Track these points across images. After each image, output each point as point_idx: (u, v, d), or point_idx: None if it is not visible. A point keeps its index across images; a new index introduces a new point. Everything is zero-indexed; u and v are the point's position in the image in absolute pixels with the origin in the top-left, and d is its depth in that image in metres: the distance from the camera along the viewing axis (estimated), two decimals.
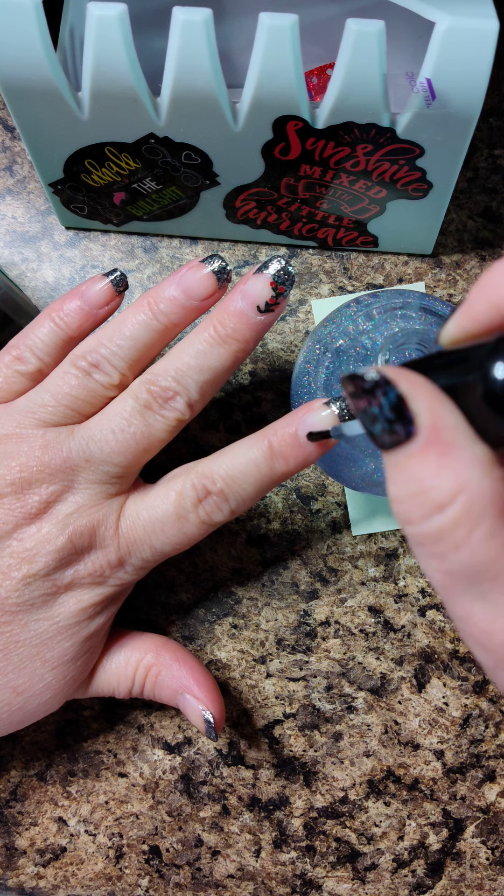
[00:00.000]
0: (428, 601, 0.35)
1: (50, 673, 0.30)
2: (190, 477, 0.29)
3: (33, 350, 0.30)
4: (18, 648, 0.29)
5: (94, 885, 0.35)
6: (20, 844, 0.35)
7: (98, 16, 0.27)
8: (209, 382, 0.29)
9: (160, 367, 0.29)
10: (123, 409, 0.29)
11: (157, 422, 0.29)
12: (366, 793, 0.35)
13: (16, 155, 0.38)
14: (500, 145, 0.37)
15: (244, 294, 0.28)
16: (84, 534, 0.29)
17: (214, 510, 0.29)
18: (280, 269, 0.28)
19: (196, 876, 0.35)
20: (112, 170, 0.33)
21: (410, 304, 0.30)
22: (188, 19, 0.26)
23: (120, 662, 0.32)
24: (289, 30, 0.26)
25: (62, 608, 0.29)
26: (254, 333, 0.28)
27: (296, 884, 0.35)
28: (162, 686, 0.31)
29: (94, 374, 0.29)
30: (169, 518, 0.29)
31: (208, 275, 0.29)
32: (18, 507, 0.28)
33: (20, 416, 0.29)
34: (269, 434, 0.28)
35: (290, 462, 0.28)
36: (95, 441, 0.29)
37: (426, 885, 0.35)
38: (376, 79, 0.27)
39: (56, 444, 0.29)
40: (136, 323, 0.29)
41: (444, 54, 0.27)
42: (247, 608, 0.36)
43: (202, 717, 0.30)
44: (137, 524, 0.29)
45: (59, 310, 0.30)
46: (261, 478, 0.28)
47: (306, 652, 0.35)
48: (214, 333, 0.28)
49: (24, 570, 0.28)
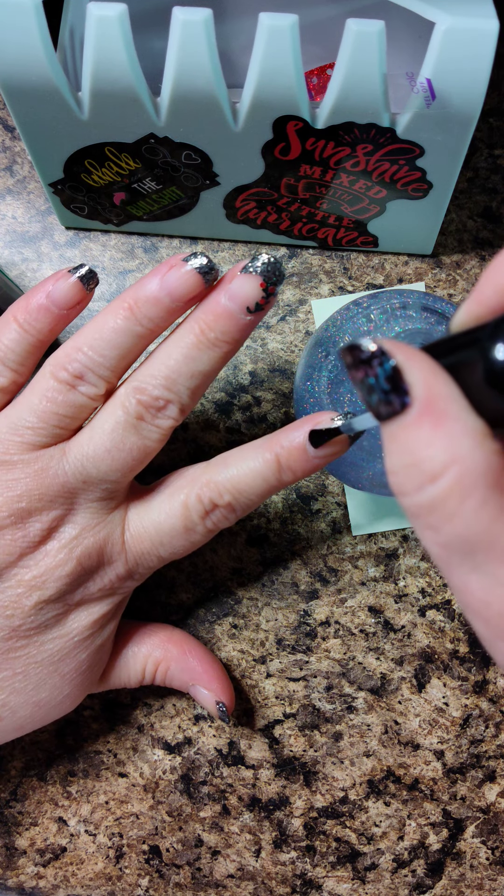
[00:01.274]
0: (428, 601, 0.35)
1: (69, 685, 0.30)
2: (195, 489, 0.28)
3: (4, 361, 0.28)
4: (37, 668, 0.29)
5: (94, 885, 0.35)
6: (20, 844, 0.35)
7: (98, 16, 0.27)
8: (200, 386, 0.28)
9: (147, 374, 0.27)
10: (115, 424, 0.27)
11: (150, 432, 0.28)
12: (366, 793, 0.35)
13: (16, 155, 0.38)
14: (500, 145, 0.37)
15: (232, 295, 0.26)
16: (92, 554, 0.28)
17: (221, 520, 0.29)
18: (268, 265, 0.26)
19: (196, 876, 0.35)
20: (112, 170, 0.33)
21: (411, 303, 0.30)
22: (188, 19, 0.26)
23: (128, 659, 0.32)
24: (289, 30, 0.26)
25: (75, 624, 0.29)
26: (243, 334, 0.27)
27: (296, 884, 0.35)
28: (172, 679, 0.32)
29: (79, 388, 0.27)
30: (177, 531, 0.29)
31: (192, 273, 0.27)
32: (21, 536, 0.28)
33: (6, 439, 0.28)
34: (276, 446, 0.28)
35: (298, 473, 0.28)
36: (90, 459, 0.27)
37: (426, 885, 0.35)
38: (376, 79, 0.27)
39: (51, 469, 0.28)
40: (117, 328, 0.27)
41: (444, 54, 0.27)
42: (247, 608, 0.36)
43: (215, 705, 0.32)
44: (144, 536, 0.29)
45: (25, 311, 0.28)
46: (267, 488, 0.28)
47: (306, 652, 0.35)
48: (203, 337, 0.27)
49: (35, 596, 0.28)
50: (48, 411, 0.28)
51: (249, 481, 0.28)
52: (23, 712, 0.29)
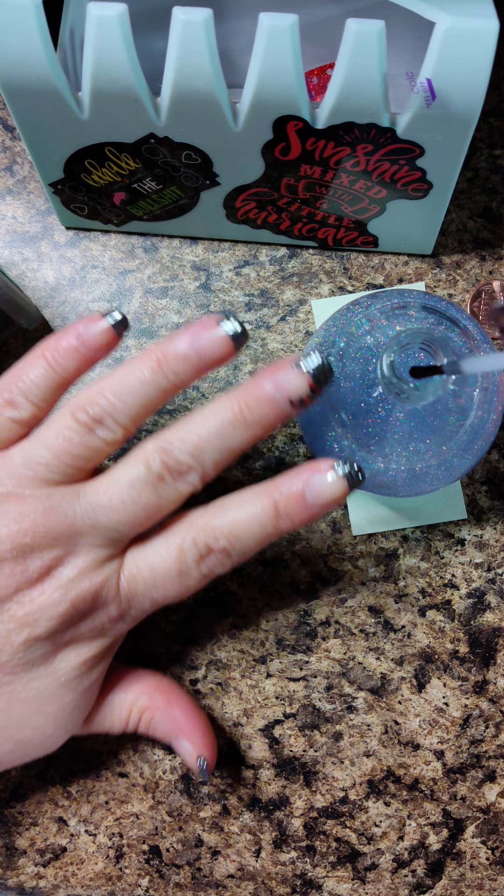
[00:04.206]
0: (428, 601, 0.35)
1: (52, 725, 0.29)
2: (192, 532, 0.28)
3: (27, 395, 0.28)
4: (21, 706, 0.29)
5: (94, 885, 0.35)
6: (20, 844, 0.35)
7: (98, 16, 0.27)
8: (225, 460, 0.28)
9: (177, 437, 0.27)
10: (135, 478, 0.27)
11: (167, 493, 0.28)
12: (366, 793, 0.35)
13: (16, 155, 0.38)
14: (500, 145, 0.37)
15: (279, 385, 0.26)
16: (87, 598, 0.28)
17: (216, 565, 0.28)
18: (321, 368, 0.26)
19: (196, 876, 0.35)
20: (112, 170, 0.33)
21: (412, 303, 0.30)
22: (188, 19, 0.26)
23: (114, 704, 0.31)
24: (289, 30, 0.26)
25: (63, 664, 0.29)
26: (279, 422, 0.27)
27: (296, 884, 0.35)
28: (155, 728, 0.32)
29: (96, 430, 0.27)
30: (171, 574, 0.28)
31: (224, 338, 0.27)
32: (20, 571, 0.27)
33: (19, 473, 0.28)
34: (274, 492, 0.27)
35: (296, 521, 0.27)
36: (102, 508, 0.27)
37: (426, 885, 0.35)
38: (376, 79, 0.27)
39: (61, 508, 0.27)
40: (142, 380, 0.27)
41: (445, 54, 0.27)
42: (247, 608, 0.36)
43: (196, 761, 0.31)
44: (138, 579, 0.28)
45: (55, 350, 0.28)
46: (264, 535, 0.28)
47: (306, 652, 0.35)
48: (240, 416, 0.27)
49: (25, 633, 0.28)
50: (63, 450, 0.28)
51: (246, 527, 0.27)
52: (2, 749, 0.29)
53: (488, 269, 0.37)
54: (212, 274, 0.37)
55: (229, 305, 0.37)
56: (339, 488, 0.27)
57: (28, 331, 0.37)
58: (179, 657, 0.36)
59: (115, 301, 0.37)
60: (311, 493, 0.27)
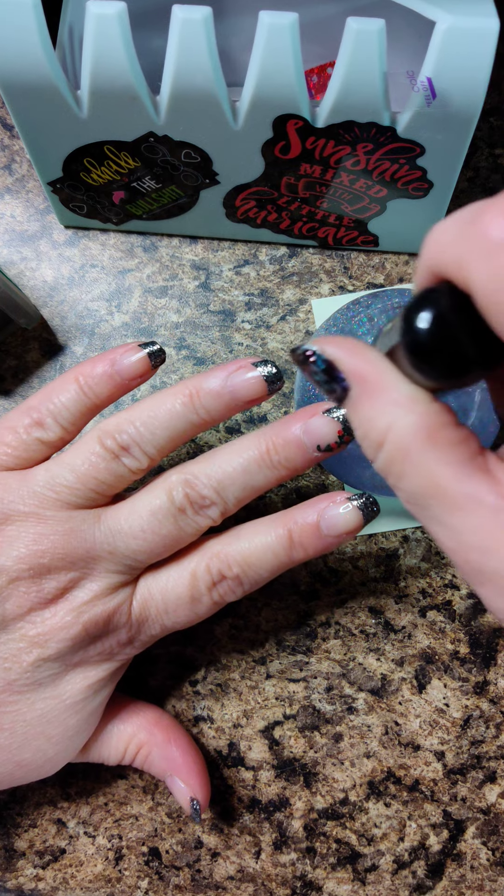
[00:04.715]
0: (428, 602, 0.35)
1: (53, 749, 0.29)
2: (205, 559, 0.28)
3: (56, 417, 0.28)
4: (25, 727, 0.29)
5: (94, 887, 0.35)
6: (19, 846, 0.35)
7: (97, 14, 0.26)
8: (247, 497, 0.28)
9: (202, 471, 0.27)
10: (158, 508, 0.27)
11: (188, 525, 0.28)
12: (366, 794, 0.35)
13: (15, 154, 0.38)
14: (501, 145, 0.37)
15: (308, 430, 0.26)
16: (99, 623, 0.28)
17: (228, 593, 0.28)
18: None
19: (196, 878, 0.35)
20: (111, 168, 0.33)
21: None
22: (188, 17, 0.26)
23: (112, 736, 0.31)
24: (289, 28, 0.26)
25: (69, 686, 0.29)
26: (305, 466, 0.27)
27: (296, 885, 0.35)
28: (151, 765, 0.31)
29: (122, 458, 0.28)
30: (183, 600, 0.28)
31: (259, 380, 0.27)
32: (35, 590, 0.28)
33: (42, 493, 0.28)
34: (289, 521, 0.27)
35: (309, 551, 0.27)
36: (122, 535, 0.27)
37: (426, 886, 0.35)
38: (377, 78, 0.27)
39: (80, 532, 0.27)
40: (173, 413, 0.27)
41: (445, 53, 0.27)
42: (247, 608, 0.36)
43: (189, 802, 0.31)
44: (150, 605, 0.29)
45: (88, 375, 0.28)
46: (277, 564, 0.28)
47: (306, 653, 0.35)
48: (267, 456, 0.27)
49: (35, 653, 0.28)
50: (88, 475, 0.28)
51: (260, 555, 0.27)
52: (2, 769, 0.29)
53: None
54: (211, 273, 0.37)
55: (229, 305, 0.37)
56: (353, 520, 0.27)
57: (27, 330, 0.37)
58: (179, 657, 0.35)
59: (114, 300, 0.37)
60: (326, 524, 0.27)
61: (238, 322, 0.37)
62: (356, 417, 0.19)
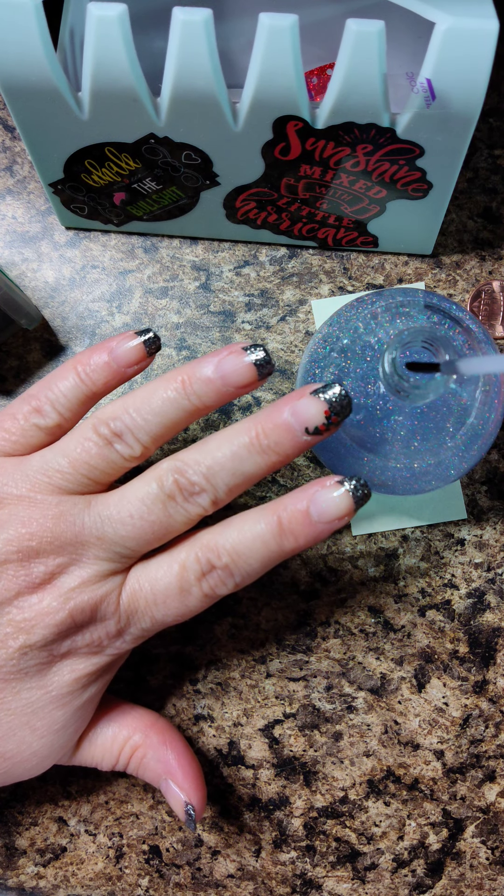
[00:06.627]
0: (428, 601, 0.35)
1: (38, 741, 0.29)
2: (194, 549, 0.28)
3: (54, 404, 0.29)
4: (9, 716, 0.28)
5: (94, 885, 0.35)
6: (20, 844, 0.35)
7: (98, 16, 0.27)
8: (239, 485, 0.28)
9: (192, 458, 0.27)
10: (146, 495, 0.27)
11: (178, 513, 0.28)
12: (366, 793, 0.35)
13: (16, 155, 0.38)
14: (500, 145, 0.37)
15: (296, 412, 0.27)
16: (86, 610, 0.28)
17: (218, 584, 0.28)
18: (338, 398, 0.26)
19: (196, 876, 0.35)
20: (112, 170, 0.33)
21: (415, 302, 0.30)
22: (188, 19, 0.26)
23: (107, 738, 0.31)
24: (289, 30, 0.26)
25: (56, 677, 0.29)
26: (294, 451, 0.27)
27: (296, 884, 0.35)
28: (146, 768, 0.31)
29: (115, 444, 0.28)
30: (171, 591, 0.28)
31: (249, 365, 0.27)
32: (23, 574, 0.28)
33: (34, 478, 0.28)
34: (279, 509, 0.27)
35: (300, 540, 0.27)
36: (111, 521, 0.28)
37: (426, 884, 0.35)
38: (376, 79, 0.27)
39: (70, 516, 0.28)
40: (166, 399, 0.28)
41: (444, 54, 0.27)
42: (247, 608, 0.36)
43: (183, 807, 0.30)
44: (139, 595, 0.28)
45: (86, 363, 0.29)
46: (268, 554, 0.27)
47: (306, 652, 0.35)
48: (256, 441, 0.27)
49: (21, 639, 0.28)
50: (80, 460, 0.28)
51: (249, 543, 0.27)
52: None
53: (488, 269, 0.37)
54: (212, 274, 0.37)
55: (229, 306, 0.37)
56: (343, 504, 0.27)
57: (28, 331, 0.37)
58: (179, 656, 0.36)
59: (115, 301, 0.37)
60: (316, 508, 0.27)
61: (238, 323, 0.37)
62: None
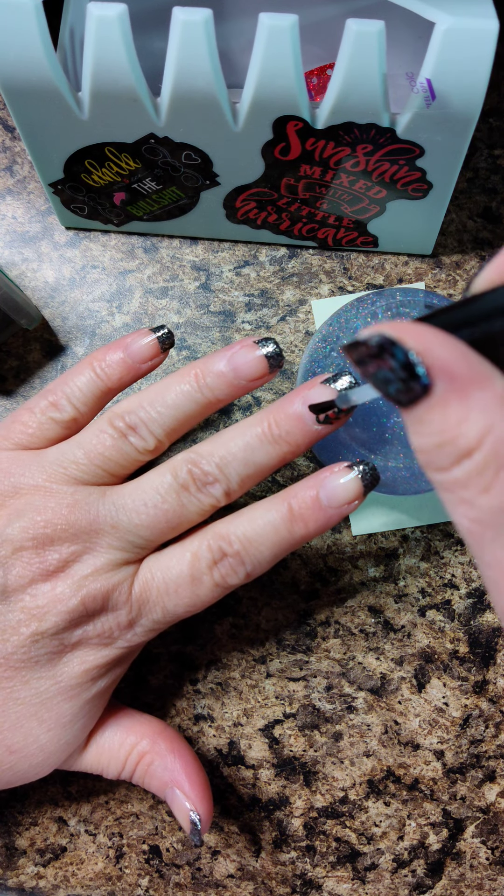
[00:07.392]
0: (428, 601, 0.35)
1: (46, 735, 0.29)
2: (206, 538, 0.28)
3: (70, 399, 0.30)
4: (17, 706, 0.28)
5: (94, 885, 0.35)
6: (20, 844, 0.35)
7: (98, 16, 0.27)
8: (251, 476, 0.28)
9: (206, 450, 0.28)
10: (160, 485, 0.28)
11: (191, 503, 0.28)
12: (366, 793, 0.35)
13: (16, 155, 0.38)
14: (500, 145, 0.37)
15: (307, 401, 0.27)
16: (97, 598, 0.28)
17: (230, 573, 0.28)
18: (349, 386, 0.27)
19: (196, 876, 0.35)
20: (112, 170, 0.33)
21: (415, 301, 0.30)
22: (188, 19, 0.26)
23: (114, 743, 0.31)
24: (289, 30, 0.26)
25: (66, 668, 0.29)
26: (307, 441, 0.28)
27: (296, 884, 0.35)
28: (153, 776, 0.31)
29: (129, 437, 0.29)
30: (183, 579, 0.28)
31: (260, 358, 0.28)
32: (37, 562, 0.28)
33: (51, 468, 0.29)
34: (290, 496, 0.28)
35: (311, 525, 0.27)
36: (125, 510, 0.28)
37: (426, 884, 0.35)
38: (376, 79, 0.27)
39: (84, 505, 0.28)
40: (179, 392, 0.28)
41: (444, 54, 0.27)
42: (247, 608, 0.36)
43: (189, 816, 0.29)
44: (151, 585, 0.29)
45: (101, 360, 0.30)
46: (279, 541, 0.28)
47: (306, 652, 0.35)
48: (268, 431, 0.27)
49: (33, 626, 0.28)
50: (95, 451, 0.29)
51: (260, 530, 0.28)
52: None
53: None
54: (212, 274, 0.37)
55: (229, 306, 0.37)
56: (353, 488, 0.27)
57: (28, 331, 0.37)
58: (179, 656, 0.36)
59: (115, 301, 0.37)
60: (326, 493, 0.27)
61: (238, 323, 0.37)
62: (432, 422, 0.16)
